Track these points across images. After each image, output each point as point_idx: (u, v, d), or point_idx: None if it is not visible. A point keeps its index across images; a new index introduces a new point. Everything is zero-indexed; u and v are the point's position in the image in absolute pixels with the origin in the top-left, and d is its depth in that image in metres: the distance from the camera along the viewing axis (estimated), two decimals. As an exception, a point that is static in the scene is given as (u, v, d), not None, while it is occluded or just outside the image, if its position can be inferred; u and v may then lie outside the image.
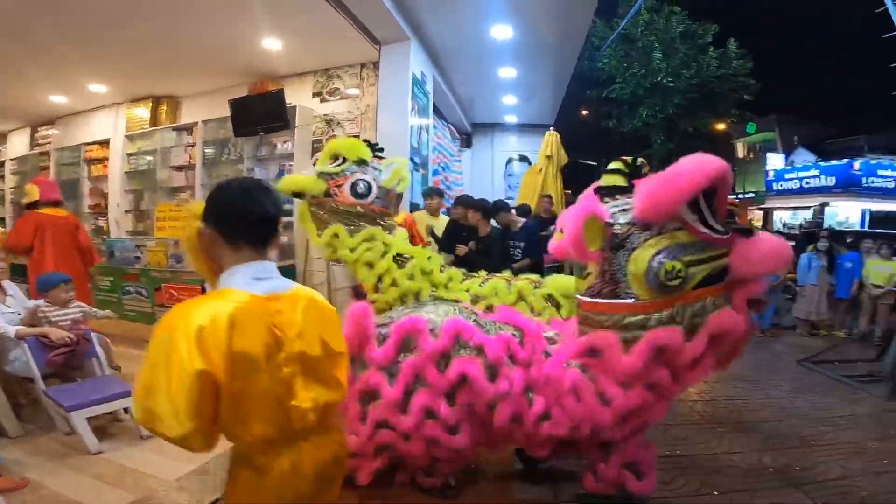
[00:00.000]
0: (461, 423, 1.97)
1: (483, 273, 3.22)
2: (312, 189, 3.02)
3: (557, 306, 3.05)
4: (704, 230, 1.69)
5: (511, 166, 11.08)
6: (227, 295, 1.10)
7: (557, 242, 1.97)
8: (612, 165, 1.97)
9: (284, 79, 6.45)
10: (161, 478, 2.34)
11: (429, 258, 3.12)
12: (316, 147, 6.21)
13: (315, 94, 6.32)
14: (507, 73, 7.28)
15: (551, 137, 7.31)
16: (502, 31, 5.74)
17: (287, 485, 1.17)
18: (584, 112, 19.68)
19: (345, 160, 3.07)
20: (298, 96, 6.22)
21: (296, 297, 1.22)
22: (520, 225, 4.54)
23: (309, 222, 3.10)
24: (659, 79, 13.34)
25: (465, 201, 4.41)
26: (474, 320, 2.07)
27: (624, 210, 1.77)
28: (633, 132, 14.85)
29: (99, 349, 3.23)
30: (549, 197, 6.32)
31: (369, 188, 3.07)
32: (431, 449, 2.01)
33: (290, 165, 6.05)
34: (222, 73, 6.40)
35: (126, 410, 2.84)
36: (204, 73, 6.43)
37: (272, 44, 5.51)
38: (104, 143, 7.76)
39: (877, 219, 16.36)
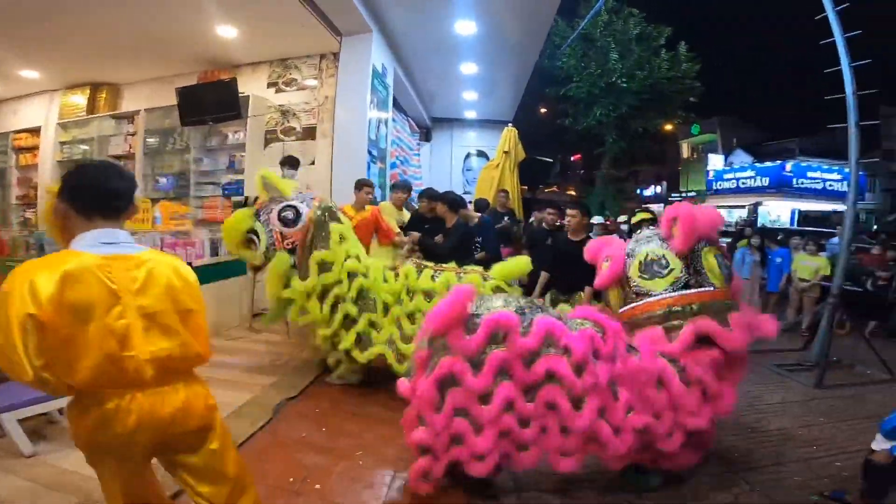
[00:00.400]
0: (535, 419, 2.06)
1: (431, 268, 3.41)
2: (285, 267, 3.22)
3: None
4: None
5: (469, 161, 11.17)
6: (67, 255, 1.27)
7: (603, 274, 2.56)
8: (641, 214, 3.80)
9: (238, 68, 6.21)
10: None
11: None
12: (269, 138, 6.02)
13: (270, 84, 6.11)
14: (469, 68, 7.30)
15: (509, 133, 7.42)
16: (466, 27, 5.75)
17: (108, 429, 1.30)
18: (543, 110, 20.08)
19: (255, 232, 3.27)
20: (252, 86, 6.00)
21: (141, 259, 1.38)
22: (476, 220, 4.64)
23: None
24: (614, 79, 13.80)
25: (431, 194, 4.51)
26: (558, 318, 2.17)
27: (658, 234, 2.51)
28: (587, 130, 15.30)
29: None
30: (506, 192, 6.42)
31: (294, 209, 3.26)
32: (501, 442, 2.07)
33: (242, 156, 5.86)
34: (170, 60, 6.10)
35: (61, 412, 2.69)
36: (150, 60, 6.10)
37: (227, 32, 5.29)
38: (35, 132, 7.20)
39: (805, 218, 17.74)
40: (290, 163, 5.15)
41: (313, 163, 5.81)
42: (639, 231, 2.78)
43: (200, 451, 1.52)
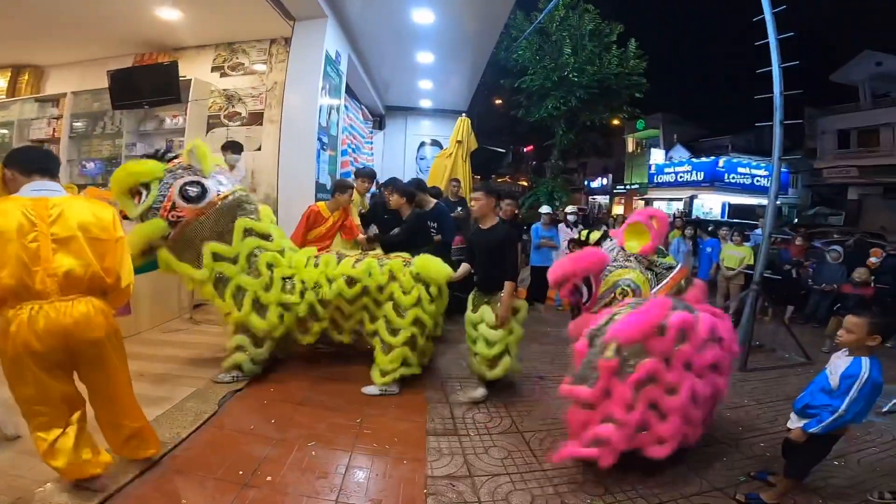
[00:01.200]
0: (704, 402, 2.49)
1: (355, 254, 3.49)
2: (154, 235, 2.97)
3: (426, 285, 3.31)
4: None
5: (423, 150, 11.15)
6: (11, 198, 1.83)
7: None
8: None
9: (181, 51, 5.90)
10: (36, 479, 2.10)
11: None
12: (212, 123, 5.77)
13: (215, 69, 5.83)
14: (425, 57, 7.27)
15: (462, 123, 7.47)
16: (424, 16, 5.71)
17: (21, 333, 1.75)
18: (498, 101, 20.26)
19: (147, 187, 3.00)
20: (195, 69, 5.73)
21: (60, 200, 1.90)
22: (432, 205, 4.79)
23: (179, 264, 3.10)
24: (566, 73, 14.11)
25: (399, 186, 4.52)
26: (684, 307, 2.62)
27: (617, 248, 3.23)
28: (539, 122, 15.60)
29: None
30: (458, 181, 6.49)
31: (202, 187, 3.06)
32: (683, 427, 2.41)
33: (181, 141, 5.59)
34: (104, 42, 5.73)
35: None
36: (81, 41, 5.73)
37: (169, 14, 5.01)
38: (-52, 114, 6.55)
39: (735, 210, 19.08)
40: (233, 147, 4.98)
41: (259, 148, 5.63)
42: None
43: (101, 368, 1.98)
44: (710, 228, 7.37)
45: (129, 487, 2.13)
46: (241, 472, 2.30)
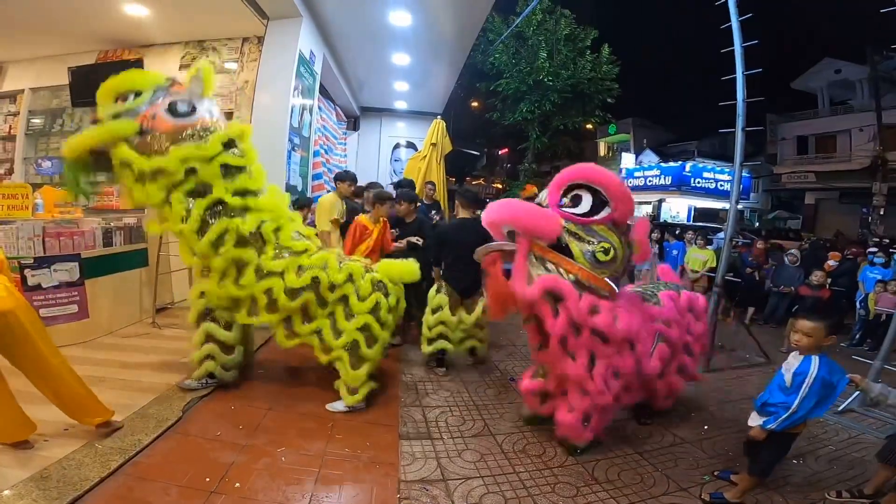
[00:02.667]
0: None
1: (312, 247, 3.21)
2: (120, 133, 2.71)
3: (386, 293, 3.17)
4: None
5: (398, 152, 11.10)
6: None
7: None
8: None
9: (148, 48, 5.71)
10: (-7, 483, 2.01)
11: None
12: (181, 121, 5.59)
13: (183, 67, 5.64)
14: (401, 59, 7.24)
15: (437, 125, 7.47)
16: (401, 18, 5.68)
17: None
18: (474, 104, 20.39)
19: (138, 94, 2.81)
20: (161, 67, 5.48)
21: None
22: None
23: (134, 183, 2.80)
24: (541, 77, 14.34)
25: (406, 195, 4.55)
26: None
27: None
28: (513, 125, 15.81)
29: None
30: (432, 183, 6.49)
31: (191, 105, 2.86)
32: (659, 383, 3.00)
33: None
34: (65, 38, 5.52)
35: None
36: (39, 37, 5.51)
37: (136, 10, 4.86)
38: None
39: (699, 214, 19.69)
40: None
41: (229, 148, 5.48)
42: None
43: (15, 331, 2.20)
44: (676, 232, 7.58)
45: (88, 495, 2.06)
46: (207, 479, 2.25)
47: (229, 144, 2.96)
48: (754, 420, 2.34)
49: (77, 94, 5.32)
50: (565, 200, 2.58)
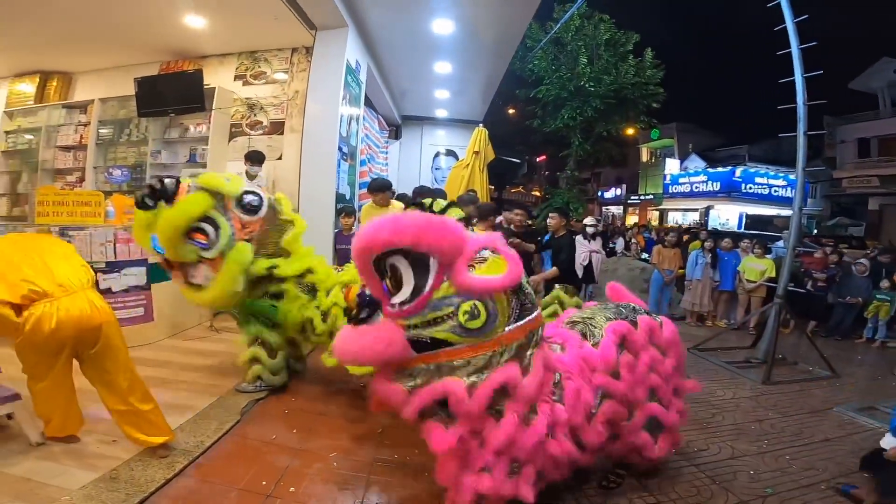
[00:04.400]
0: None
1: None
2: (250, 258, 2.95)
3: None
4: None
5: (438, 160, 11.19)
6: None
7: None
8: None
9: (204, 59, 5.99)
10: (62, 486, 2.11)
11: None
12: (235, 131, 5.84)
13: (238, 77, 5.91)
14: (443, 67, 7.30)
15: (480, 133, 7.47)
16: (443, 26, 5.73)
17: (39, 330, 2.13)
18: (511, 111, 20.29)
19: (209, 220, 2.86)
20: (218, 78, 5.81)
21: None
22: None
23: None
24: (582, 83, 14.10)
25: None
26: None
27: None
28: (554, 132, 15.60)
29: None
30: (475, 192, 6.48)
31: (258, 195, 3.03)
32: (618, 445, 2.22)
33: (204, 149, 5.66)
34: (131, 49, 5.83)
35: (10, 416, 2.52)
36: (109, 48, 5.82)
37: (195, 22, 5.10)
38: (-24, 120, 6.72)
39: (752, 221, 18.74)
40: (255, 157, 5.03)
41: (280, 157, 5.68)
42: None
43: (98, 344, 2.30)
44: (726, 240, 7.21)
45: (154, 496, 2.13)
46: (264, 483, 2.29)
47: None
48: (890, 442, 2.26)
49: (143, 105, 5.58)
50: (388, 284, 1.73)
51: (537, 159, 29.86)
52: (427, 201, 2.18)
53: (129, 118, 5.94)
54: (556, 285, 3.51)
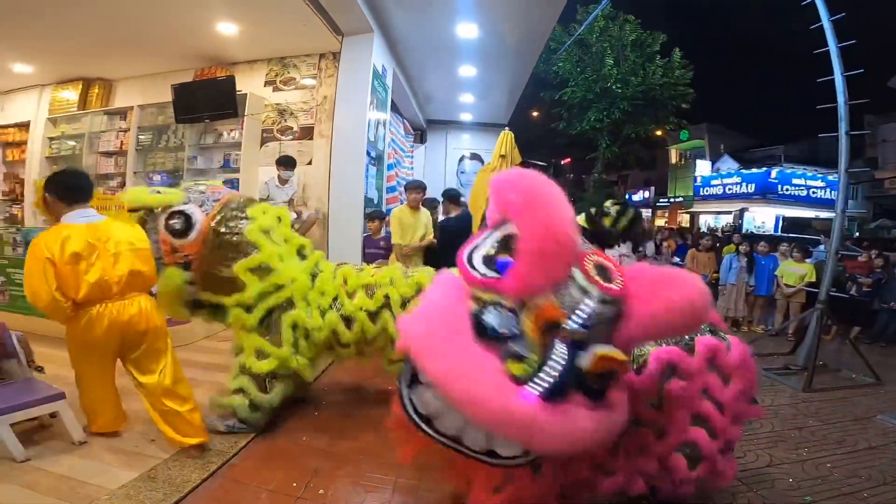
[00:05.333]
0: None
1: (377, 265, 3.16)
2: (177, 285, 2.62)
3: None
4: None
5: (463, 164, 11.18)
6: (65, 225, 2.32)
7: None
8: None
9: (235, 65, 6.12)
10: (101, 485, 2.17)
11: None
12: (266, 137, 5.96)
13: (268, 83, 6.03)
14: (468, 71, 7.31)
15: (506, 137, 7.40)
16: (468, 30, 5.73)
17: (91, 329, 2.31)
18: (535, 113, 20.17)
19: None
20: (249, 84, 5.92)
21: (108, 223, 2.43)
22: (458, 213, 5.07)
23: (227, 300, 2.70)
24: (609, 84, 13.92)
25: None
26: None
27: None
28: (580, 135, 15.43)
29: (19, 349, 2.91)
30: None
31: (184, 215, 2.59)
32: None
33: (237, 155, 5.77)
34: (167, 56, 5.98)
35: (53, 415, 2.62)
36: (145, 55, 5.98)
37: (227, 29, 5.22)
38: (23, 126, 7.01)
39: (789, 224, 18.05)
40: (286, 163, 5.11)
41: (310, 162, 5.77)
42: None
43: (142, 347, 2.45)
44: (763, 244, 6.94)
45: (190, 496, 2.17)
46: (294, 484, 2.31)
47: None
48: None
49: (180, 111, 5.72)
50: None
51: (562, 162, 29.52)
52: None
53: (167, 124, 6.08)
54: None
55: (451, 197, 5.08)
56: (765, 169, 20.92)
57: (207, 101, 5.53)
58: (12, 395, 2.51)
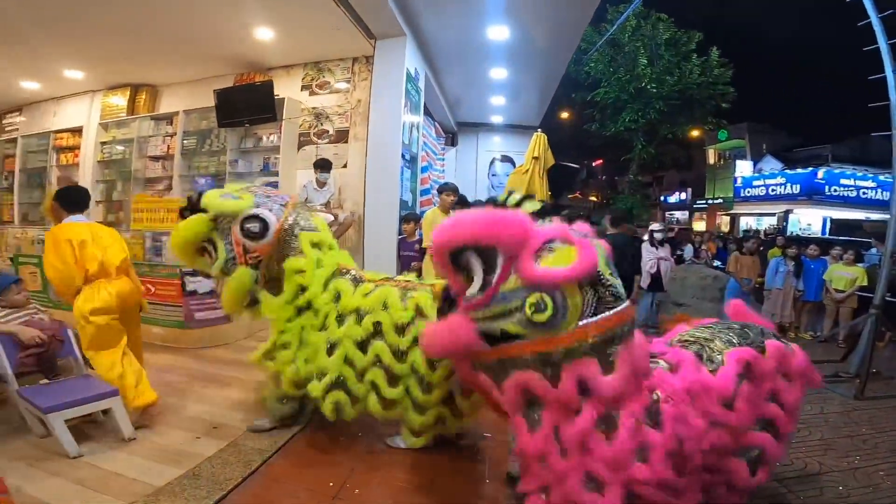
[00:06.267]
0: None
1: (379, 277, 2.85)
2: (247, 285, 2.67)
3: None
4: None
5: (494, 166, 11.13)
6: (69, 224, 2.97)
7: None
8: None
9: (272, 70, 6.28)
10: (148, 482, 2.25)
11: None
12: (302, 141, 6.09)
13: (304, 87, 6.16)
14: (499, 73, 7.27)
15: (539, 139, 7.32)
16: (499, 32, 5.70)
17: (96, 296, 2.84)
18: (565, 115, 19.92)
19: (210, 241, 2.71)
20: (286, 88, 6.06)
21: (96, 224, 3.13)
22: None
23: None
24: (643, 84, 13.61)
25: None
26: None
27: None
28: (614, 136, 15.13)
29: (76, 347, 3.04)
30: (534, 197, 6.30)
31: (260, 220, 2.64)
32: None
33: (276, 158, 5.92)
34: (208, 62, 6.18)
35: (105, 412, 2.71)
36: (188, 61, 6.20)
37: (264, 34, 5.36)
38: (76, 131, 7.40)
39: (838, 226, 17.13)
40: (323, 166, 5.20)
41: (345, 165, 5.85)
42: None
43: (132, 318, 3.14)
44: (812, 247, 6.60)
45: (232, 494, 2.23)
46: (331, 484, 2.33)
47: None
48: None
49: (222, 115, 5.89)
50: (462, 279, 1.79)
51: (593, 164, 29.02)
52: (502, 196, 1.99)
53: (210, 129, 6.27)
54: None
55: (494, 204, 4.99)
56: (811, 169, 19.93)
57: (247, 105, 5.67)
58: (68, 392, 2.60)
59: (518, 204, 1.92)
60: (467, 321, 1.73)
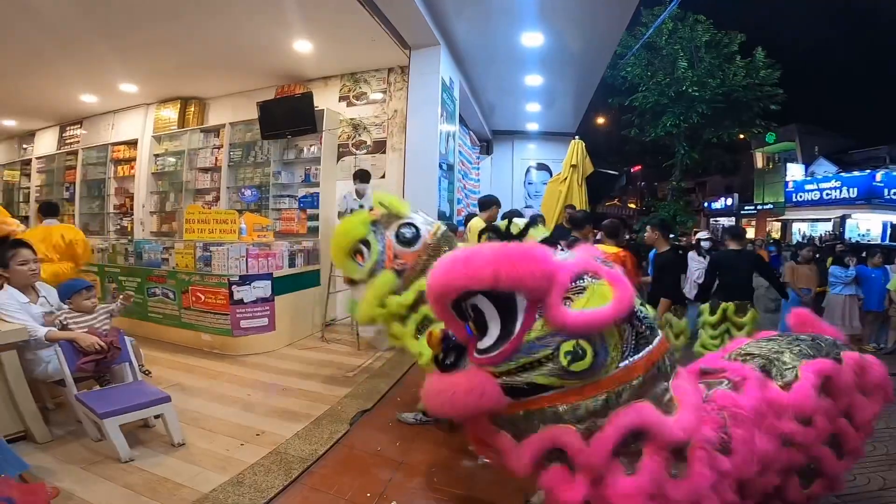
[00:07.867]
0: None
1: None
2: (387, 289, 2.70)
3: None
4: None
5: (530, 174, 11.02)
6: (48, 226, 4.42)
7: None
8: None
9: (311, 82, 6.45)
10: (195, 488, 2.31)
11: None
12: (342, 151, 6.21)
13: (342, 98, 6.29)
14: (534, 80, 7.21)
15: (577, 146, 7.19)
16: (533, 39, 5.66)
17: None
18: (601, 120, 19.53)
19: (366, 243, 2.74)
20: (325, 100, 6.20)
21: (55, 226, 4.40)
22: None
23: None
24: (684, 88, 13.18)
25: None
26: None
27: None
28: (654, 141, 14.69)
29: (131, 354, 3.16)
30: (573, 207, 6.21)
31: (415, 227, 2.75)
32: None
33: (317, 169, 6.04)
34: (250, 75, 6.41)
35: (157, 417, 2.80)
36: (232, 74, 6.44)
37: (303, 46, 5.51)
38: (131, 144, 7.80)
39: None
40: (362, 176, 5.27)
41: (383, 176, 5.92)
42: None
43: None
44: (878, 255, 6.14)
45: (273, 502, 2.26)
46: (368, 494, 2.33)
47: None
48: None
49: (265, 127, 6.06)
50: (471, 327, 1.54)
51: (632, 170, 28.25)
52: (503, 224, 1.72)
53: (254, 140, 6.46)
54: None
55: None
56: (868, 171, 18.72)
57: (288, 117, 5.83)
58: (124, 398, 2.69)
59: (522, 233, 1.67)
60: (490, 378, 1.44)
